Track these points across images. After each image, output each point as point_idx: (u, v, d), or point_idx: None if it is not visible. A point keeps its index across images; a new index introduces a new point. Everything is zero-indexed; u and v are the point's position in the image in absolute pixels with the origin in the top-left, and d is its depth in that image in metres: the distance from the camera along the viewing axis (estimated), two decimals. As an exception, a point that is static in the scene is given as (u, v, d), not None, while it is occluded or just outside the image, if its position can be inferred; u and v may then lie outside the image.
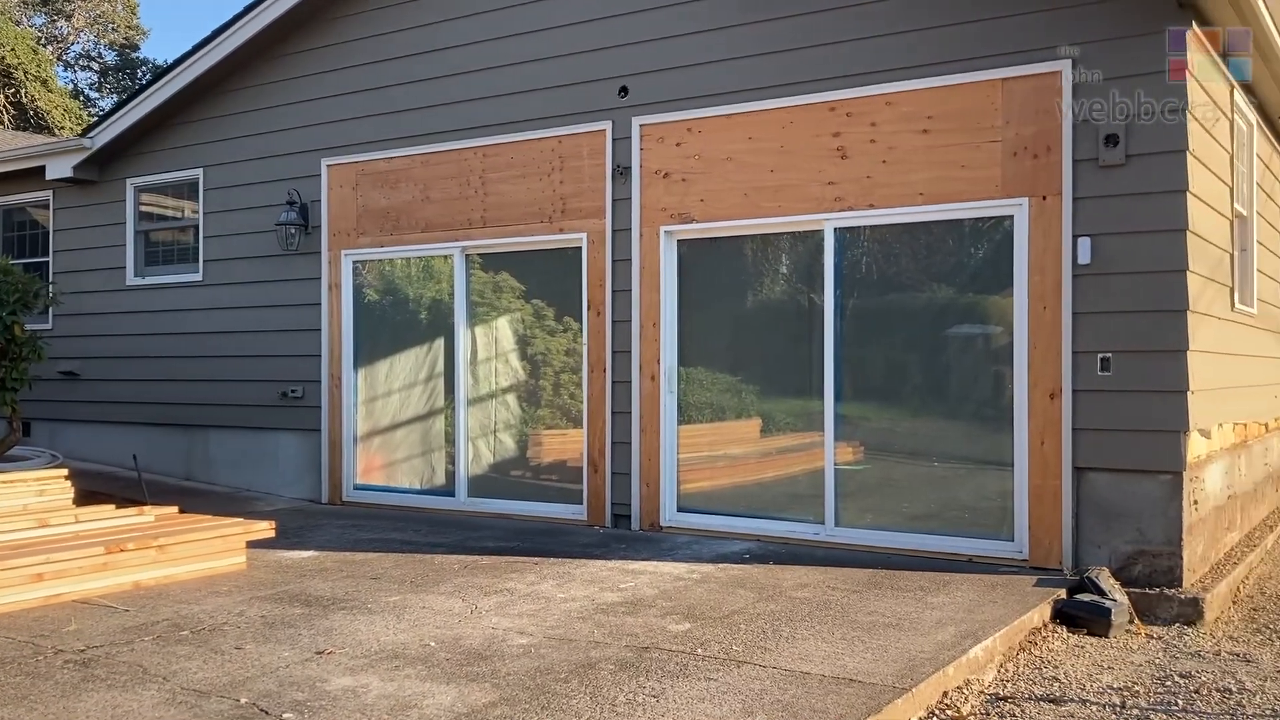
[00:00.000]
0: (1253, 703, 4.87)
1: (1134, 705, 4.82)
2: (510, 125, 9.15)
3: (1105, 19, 6.76)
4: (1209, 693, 4.99)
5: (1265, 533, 8.94)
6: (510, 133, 9.15)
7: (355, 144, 10.04)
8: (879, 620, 5.68)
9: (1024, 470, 7.09)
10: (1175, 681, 5.18)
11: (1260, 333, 9.29)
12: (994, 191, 7.15)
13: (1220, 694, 4.98)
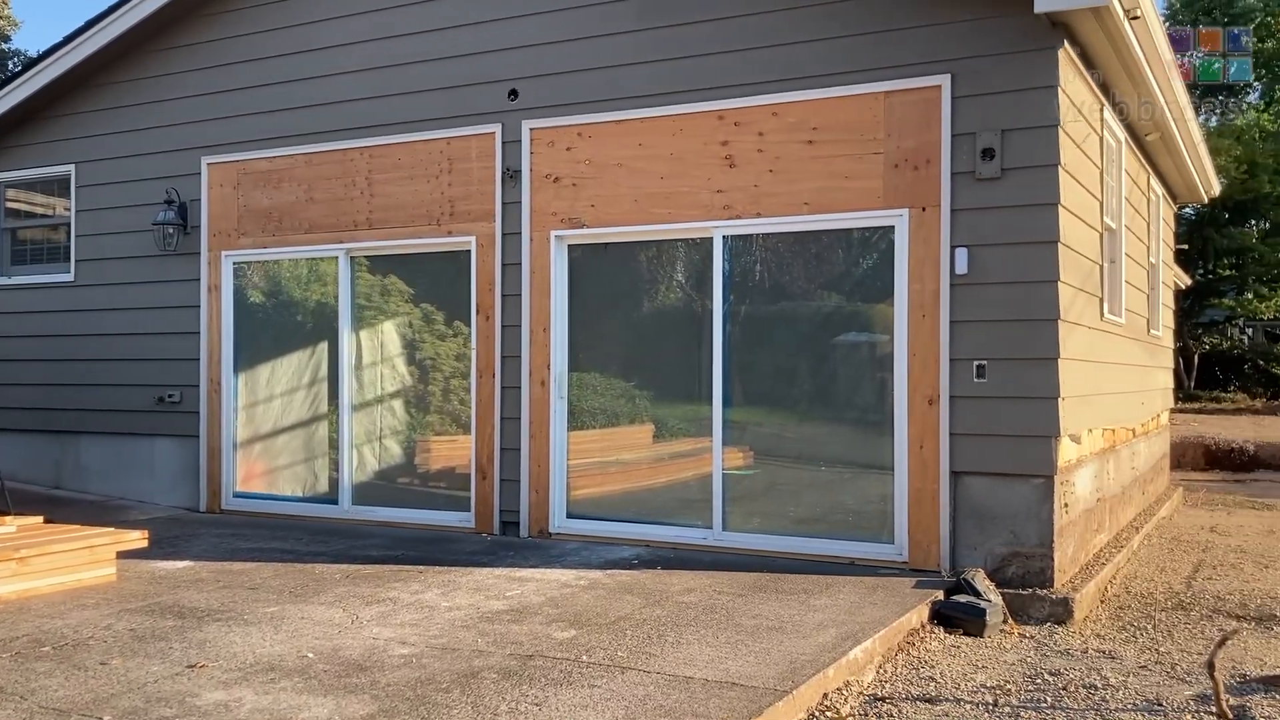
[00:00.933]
0: (1116, 698, 5.05)
1: (1006, 703, 4.96)
2: (398, 126, 9.01)
3: (983, 36, 6.97)
4: (1076, 689, 5.17)
5: (1132, 534, 9.31)
6: (398, 133, 9.01)
7: (237, 142, 9.77)
8: (763, 624, 5.74)
9: (904, 474, 7.25)
10: (1045, 679, 5.35)
11: (1128, 341, 9.69)
12: (876, 202, 7.30)
13: (1086, 690, 5.16)
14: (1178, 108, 9.21)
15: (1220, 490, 14.24)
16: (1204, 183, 12.64)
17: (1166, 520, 11.01)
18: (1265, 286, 30.50)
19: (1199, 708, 4.90)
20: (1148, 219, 11.13)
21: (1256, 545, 9.49)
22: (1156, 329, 11.78)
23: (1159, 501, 11.65)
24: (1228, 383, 31.17)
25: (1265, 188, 27.67)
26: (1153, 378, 11.66)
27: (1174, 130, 9.69)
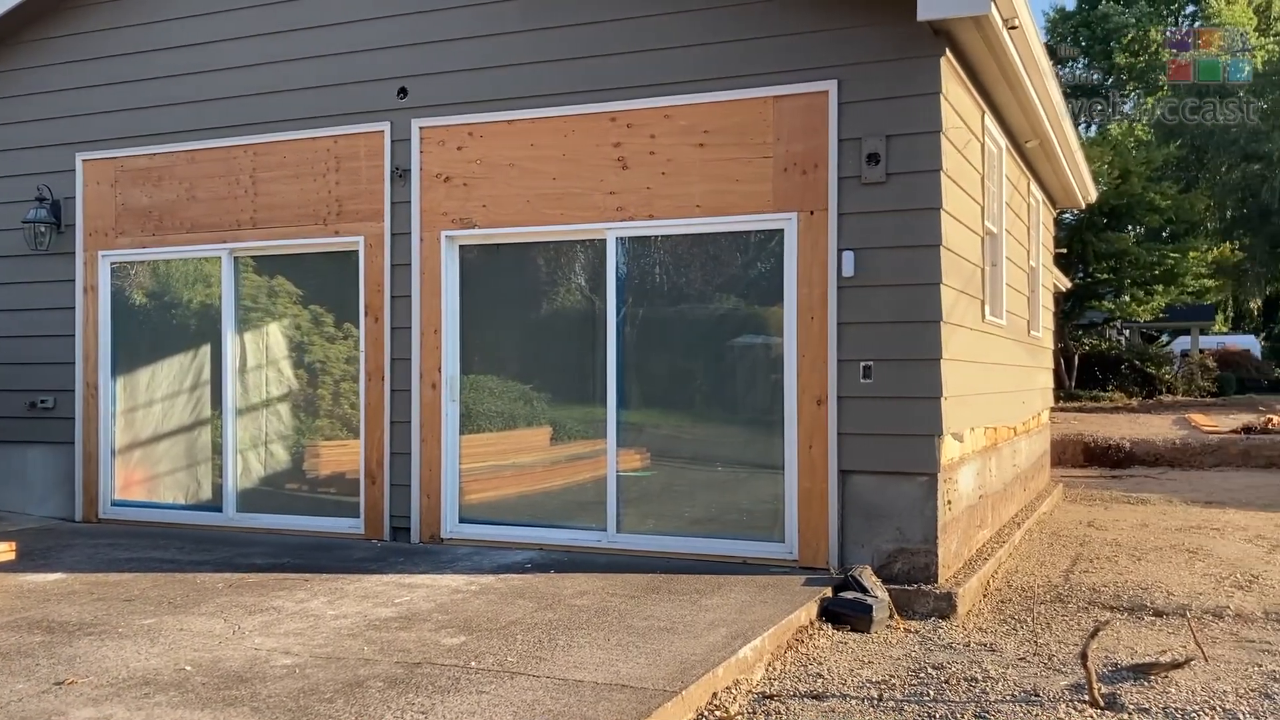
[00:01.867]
0: (995, 689, 5.19)
1: (890, 698, 5.06)
2: (283, 124, 8.79)
3: (868, 43, 7.11)
4: (957, 682, 5.30)
5: (1014, 529, 9.59)
6: (284, 131, 8.79)
7: (114, 139, 9.41)
8: (654, 625, 5.75)
9: (794, 474, 7.34)
10: (928, 673, 5.47)
11: (1009, 342, 9.99)
12: (766, 205, 7.39)
13: (967, 683, 5.29)
14: (1055, 115, 9.52)
15: (1098, 486, 14.77)
16: (1081, 189, 13.10)
17: (1047, 516, 11.37)
18: (1141, 289, 31.77)
19: (1073, 696, 5.06)
20: (1028, 224, 11.49)
21: (1130, 539, 9.87)
22: (1037, 330, 12.17)
23: (1040, 497, 12.03)
24: (1106, 382, 32.35)
25: (1138, 193, 28.81)
26: (1033, 377, 12.04)
27: (1052, 137, 10.02)
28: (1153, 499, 13.06)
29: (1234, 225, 34.85)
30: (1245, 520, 11.09)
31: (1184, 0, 46.68)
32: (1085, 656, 5.05)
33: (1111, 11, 44.99)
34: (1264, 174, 32.17)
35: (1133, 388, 32.11)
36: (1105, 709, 4.88)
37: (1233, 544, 9.53)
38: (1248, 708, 4.89)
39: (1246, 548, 9.33)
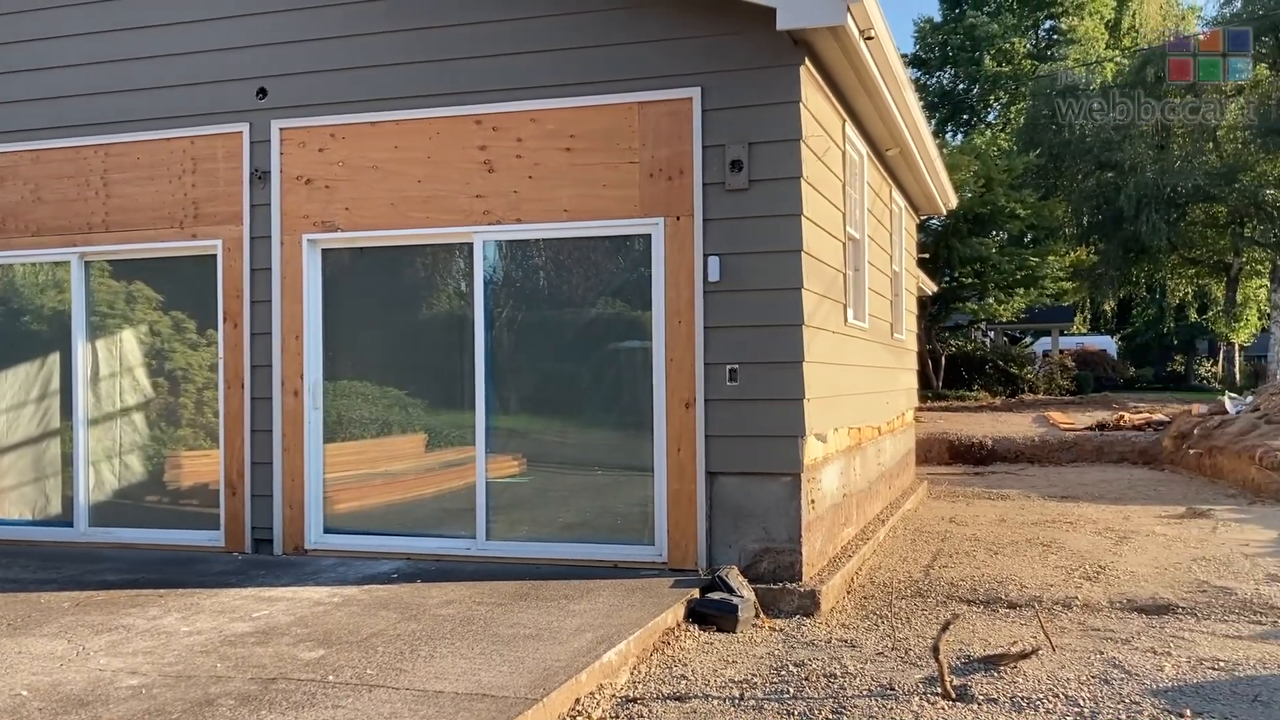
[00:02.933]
0: (853, 685, 5.31)
1: (751, 696, 5.13)
2: (137, 123, 8.46)
3: (730, 52, 7.21)
4: (817, 679, 5.40)
5: (879, 527, 9.84)
6: (137, 131, 8.46)
7: (-49, 135, 8.93)
8: (520, 632, 5.71)
9: (663, 476, 7.40)
10: (789, 670, 5.57)
11: (872, 345, 10.25)
12: (633, 211, 7.42)
13: (826, 679, 5.40)
14: (914, 125, 9.81)
15: (961, 483, 15.28)
16: (942, 196, 13.54)
17: (911, 513, 11.71)
18: (1003, 292, 32.99)
19: (927, 689, 5.21)
20: (890, 229, 11.81)
21: (989, 534, 10.22)
22: (900, 333, 12.52)
23: (905, 495, 12.38)
24: (972, 382, 33.50)
25: (1000, 201, 29.91)
26: (897, 378, 12.38)
27: (911, 146, 10.32)
28: (1012, 494, 13.56)
29: (1090, 230, 36.39)
30: (1096, 514, 11.60)
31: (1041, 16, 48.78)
32: (937, 650, 5.21)
33: (978, 23, 46.67)
34: (1117, 182, 33.67)
35: (997, 387, 33.33)
36: (957, 700, 5.03)
37: (1084, 537, 9.95)
38: (1088, 694, 5.11)
39: (1096, 540, 9.75)
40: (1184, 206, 33.39)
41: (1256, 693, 5.09)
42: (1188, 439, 17.00)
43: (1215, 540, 9.68)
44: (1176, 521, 10.94)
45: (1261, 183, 32.26)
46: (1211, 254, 37.23)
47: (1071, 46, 45.41)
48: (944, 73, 50.84)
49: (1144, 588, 7.60)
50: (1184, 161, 33.05)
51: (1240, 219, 33.69)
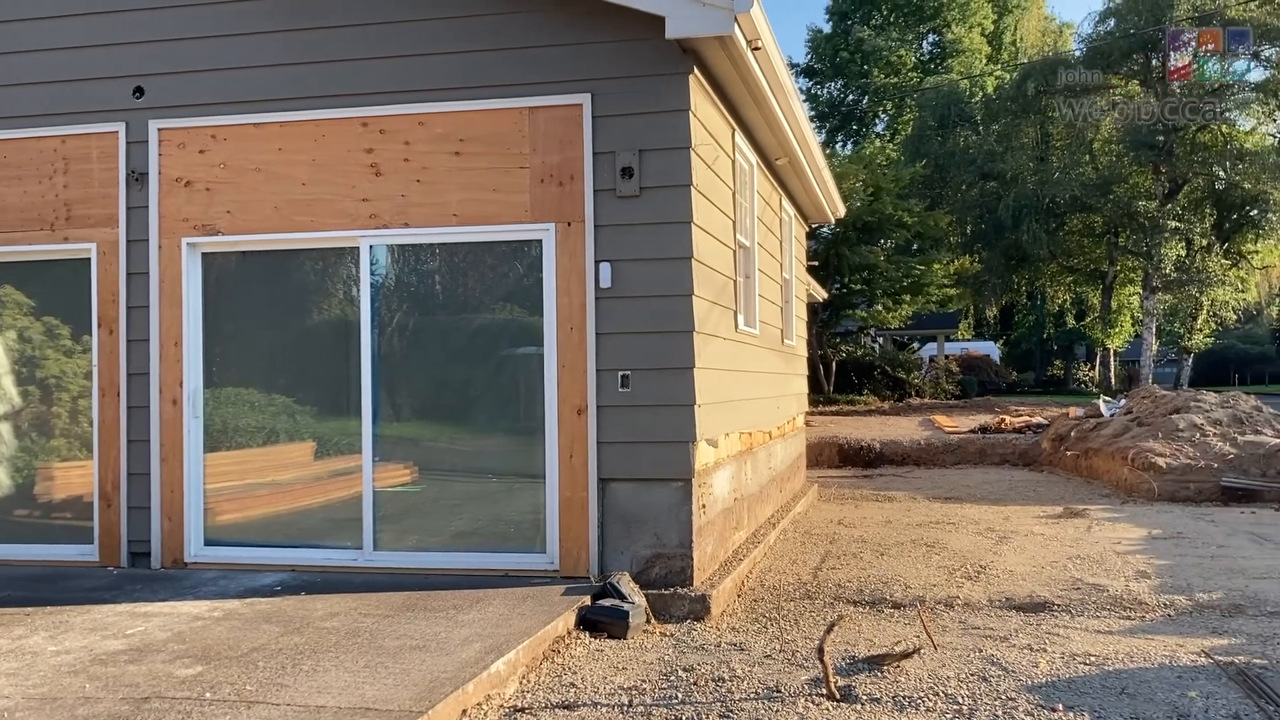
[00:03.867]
0: (740, 688, 5.36)
1: (640, 703, 5.13)
2: (2, 121, 8.10)
3: (620, 58, 7.22)
4: (705, 683, 5.44)
5: (769, 530, 9.97)
6: (2, 129, 8.10)
7: None
8: (407, 644, 5.62)
9: (555, 484, 7.36)
10: (679, 675, 5.59)
11: (763, 351, 10.38)
12: (524, 216, 7.38)
13: (715, 683, 5.44)
14: (802, 135, 9.97)
15: (850, 485, 15.58)
16: (830, 205, 13.79)
17: (802, 516, 11.89)
18: (891, 299, 33.81)
19: (812, 691, 5.29)
20: (781, 237, 11.99)
21: (875, 535, 10.44)
22: (791, 339, 12.71)
23: (796, 498, 12.56)
24: (862, 387, 34.23)
25: (889, 210, 30.66)
26: (788, 384, 12.57)
27: (800, 156, 10.49)
28: (898, 496, 13.89)
29: (974, 239, 37.59)
30: (978, 514, 11.94)
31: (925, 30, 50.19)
32: (822, 651, 5.29)
33: (865, 36, 47.78)
34: (999, 192, 34.86)
35: (885, 391, 34.11)
36: (841, 701, 5.12)
37: (966, 537, 10.23)
38: (966, 691, 5.25)
39: (978, 540, 10.04)
40: (1062, 216, 34.74)
41: (1124, 686, 5.29)
42: (1065, 441, 17.63)
43: (1090, 539, 10.06)
44: (1054, 521, 11.33)
45: (1134, 194, 33.74)
46: (1088, 262, 38.78)
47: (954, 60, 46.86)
48: (834, 83, 51.98)
49: (1022, 586, 7.85)
50: (1062, 173, 34.34)
51: (1115, 229, 35.17)
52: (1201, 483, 13.38)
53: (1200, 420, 15.17)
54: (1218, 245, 34.17)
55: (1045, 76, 34.62)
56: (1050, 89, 34.50)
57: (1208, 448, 14.10)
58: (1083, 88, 33.89)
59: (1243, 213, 33.27)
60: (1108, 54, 33.62)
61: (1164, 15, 31.41)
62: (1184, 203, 34.32)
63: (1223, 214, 34.14)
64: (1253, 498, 13.01)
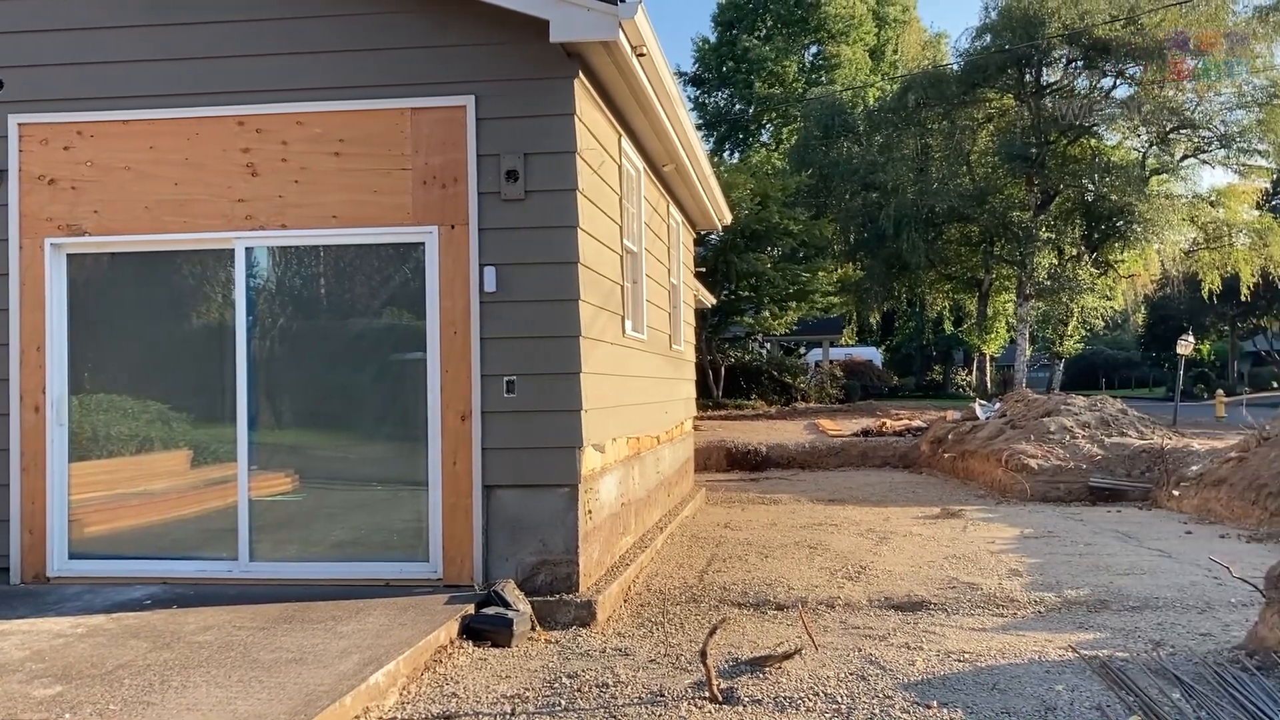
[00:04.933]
0: (624, 693, 5.35)
1: (522, 711, 5.09)
2: None
3: (504, 61, 7.18)
4: (589, 689, 5.42)
5: (657, 534, 10.00)
6: None
7: None
8: (283, 657, 5.47)
9: (438, 491, 7.26)
10: (562, 683, 5.55)
11: (651, 356, 10.42)
12: (406, 218, 7.27)
13: (598, 689, 5.42)
14: (689, 143, 10.05)
15: (737, 489, 15.75)
16: (717, 213, 13.94)
17: (690, 519, 11.97)
18: (778, 306, 34.38)
19: (695, 694, 5.31)
20: (669, 243, 12.06)
21: (760, 537, 10.56)
22: (679, 344, 12.80)
23: (684, 502, 12.64)
24: (750, 391, 34.72)
25: (775, 219, 31.15)
26: (676, 389, 12.65)
27: (686, 163, 10.57)
28: (784, 499, 14.10)
29: (856, 248, 38.41)
30: (860, 516, 12.19)
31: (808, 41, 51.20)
32: (705, 654, 5.32)
33: (750, 46, 48.49)
34: (880, 202, 35.70)
35: (773, 396, 34.67)
36: (723, 703, 5.16)
37: (848, 538, 10.43)
38: (845, 691, 5.34)
39: (859, 541, 10.24)
40: (941, 226, 35.76)
41: (995, 681, 5.45)
42: (943, 444, 18.15)
43: (965, 538, 10.36)
44: (932, 522, 11.64)
45: (1008, 205, 34.95)
46: (965, 270, 40.02)
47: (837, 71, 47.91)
48: (721, 92, 52.64)
49: (900, 586, 8.03)
50: (941, 184, 35.38)
51: (990, 238, 36.36)
52: (1071, 483, 13.92)
53: (1070, 423, 15.78)
54: (1087, 254, 35.61)
55: (925, 89, 35.64)
56: (929, 101, 35.55)
57: (1077, 449, 14.67)
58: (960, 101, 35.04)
59: (1110, 223, 34.74)
60: (984, 68, 34.77)
61: (1036, 32, 32.64)
62: (1055, 213, 35.69)
63: (1091, 224, 35.59)
64: (1118, 497, 13.59)
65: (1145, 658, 5.81)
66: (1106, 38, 31.77)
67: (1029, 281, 34.55)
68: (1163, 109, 33.47)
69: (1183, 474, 13.04)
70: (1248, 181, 38.27)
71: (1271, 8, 32.38)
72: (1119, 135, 36.80)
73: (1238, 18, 32.47)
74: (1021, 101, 35.52)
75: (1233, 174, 37.39)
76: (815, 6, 49.34)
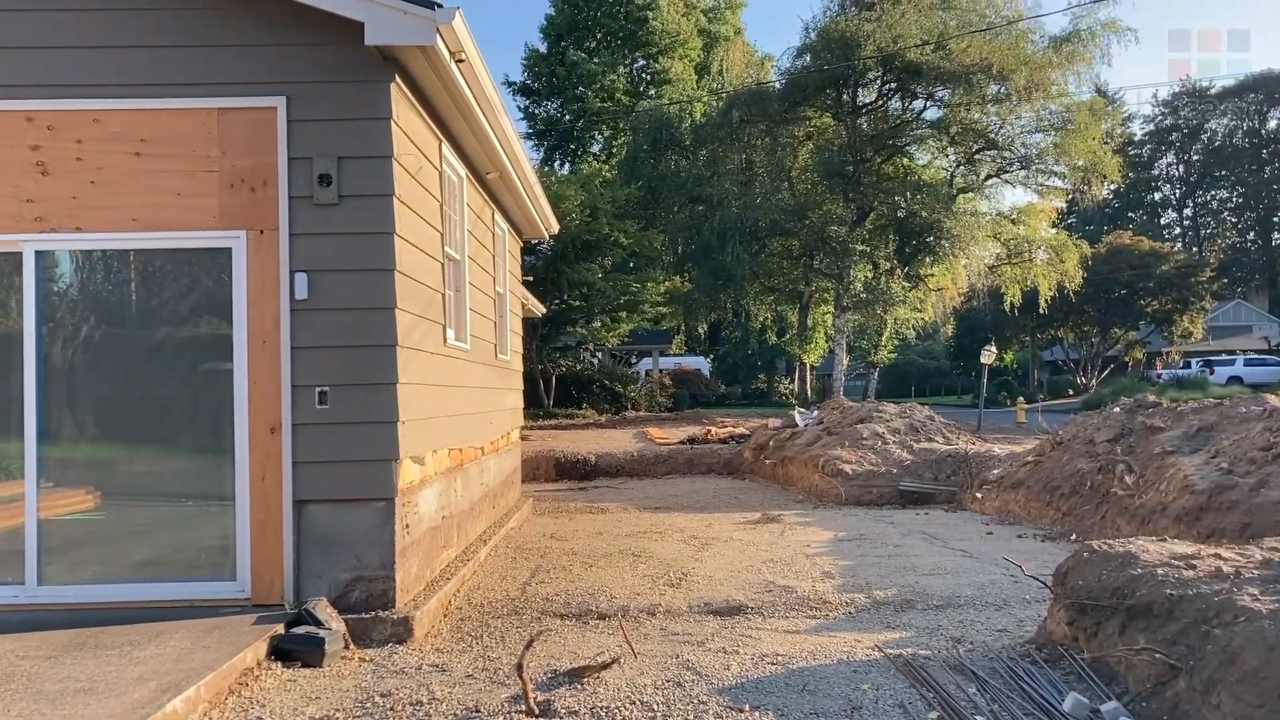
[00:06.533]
0: (439, 710, 5.25)
1: (332, 732, 4.92)
2: None
3: (318, 63, 6.97)
4: (403, 708, 5.29)
5: (480, 547, 9.87)
6: None
7: None
8: (71, 686, 5.13)
9: (246, 507, 6.97)
10: (375, 702, 5.41)
11: (474, 365, 10.28)
12: (212, 222, 6.96)
13: (412, 707, 5.30)
14: (512, 150, 9.98)
15: (565, 499, 15.72)
16: (544, 221, 13.90)
17: (515, 531, 11.87)
18: (608, 316, 34.63)
19: (511, 708, 5.25)
20: (494, 252, 11.95)
21: (586, 547, 10.57)
22: (505, 353, 12.69)
23: (510, 513, 12.53)
24: (581, 400, 34.80)
25: (605, 230, 31.38)
26: (502, 398, 12.53)
27: (511, 171, 10.50)
28: (611, 508, 14.16)
29: (684, 260, 39.08)
30: (684, 522, 12.36)
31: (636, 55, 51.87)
32: (521, 668, 5.27)
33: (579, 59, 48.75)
34: (706, 215, 36.45)
35: (604, 405, 34.86)
36: (540, 716, 5.12)
37: (671, 545, 10.55)
38: (661, 698, 5.38)
39: (682, 548, 10.37)
40: (764, 240, 36.73)
41: (805, 683, 5.60)
42: (765, 450, 18.61)
43: (783, 543, 10.63)
44: (752, 527, 11.90)
45: (827, 220, 36.19)
46: (787, 283, 41.24)
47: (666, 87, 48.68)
48: (551, 102, 52.72)
49: (720, 591, 8.17)
50: (764, 199, 36.38)
51: (810, 252, 37.56)
52: (883, 487, 14.48)
53: (882, 429, 16.43)
54: (899, 268, 37.22)
55: (748, 106, 36.59)
56: (753, 118, 36.52)
57: (888, 455, 15.28)
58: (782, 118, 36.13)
59: (920, 239, 36.41)
60: (804, 87, 35.95)
61: (852, 54, 33.97)
62: (870, 229, 37.17)
63: (903, 240, 37.23)
64: (926, 500, 14.23)
65: (946, 655, 6.08)
66: (918, 61, 33.32)
67: (846, 294, 35.86)
68: (969, 131, 35.41)
69: (985, 477, 13.75)
70: (1046, 201, 40.93)
71: (1065, 39, 34.70)
72: (929, 155, 38.70)
73: (1036, 47, 34.59)
74: (839, 120, 36.89)
75: (1033, 193, 39.85)
76: (642, 22, 50.01)
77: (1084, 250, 39.88)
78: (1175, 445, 10.92)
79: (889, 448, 15.59)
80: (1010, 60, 32.71)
